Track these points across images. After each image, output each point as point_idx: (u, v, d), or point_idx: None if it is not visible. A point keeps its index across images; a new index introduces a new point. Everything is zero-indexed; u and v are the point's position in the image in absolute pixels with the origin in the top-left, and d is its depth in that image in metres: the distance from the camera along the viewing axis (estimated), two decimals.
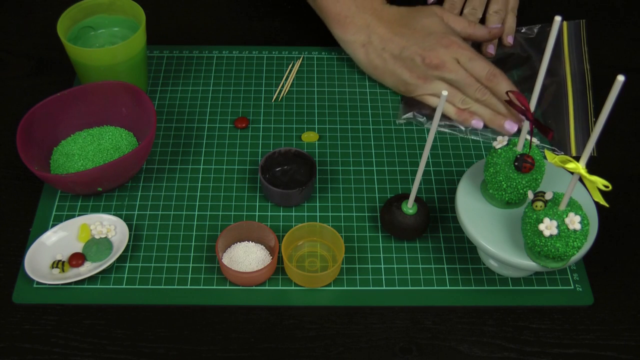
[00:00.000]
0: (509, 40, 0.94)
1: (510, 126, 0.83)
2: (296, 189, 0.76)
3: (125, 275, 0.72)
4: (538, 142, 0.68)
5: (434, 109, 0.86)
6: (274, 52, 0.95)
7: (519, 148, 0.67)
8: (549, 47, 0.60)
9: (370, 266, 0.73)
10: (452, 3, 0.95)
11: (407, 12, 0.89)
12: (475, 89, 0.84)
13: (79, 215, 0.76)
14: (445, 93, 0.60)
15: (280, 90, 0.90)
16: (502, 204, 0.70)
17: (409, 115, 0.86)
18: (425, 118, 0.86)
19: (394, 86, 0.89)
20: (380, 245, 0.75)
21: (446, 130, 0.86)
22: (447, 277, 0.73)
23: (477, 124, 0.84)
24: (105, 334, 0.68)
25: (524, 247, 0.66)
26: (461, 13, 0.95)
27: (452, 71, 0.84)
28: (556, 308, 0.71)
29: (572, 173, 0.66)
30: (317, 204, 0.78)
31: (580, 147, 0.83)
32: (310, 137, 0.84)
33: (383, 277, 0.72)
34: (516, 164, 0.65)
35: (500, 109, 0.84)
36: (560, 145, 0.83)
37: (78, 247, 0.73)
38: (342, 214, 0.78)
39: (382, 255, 0.74)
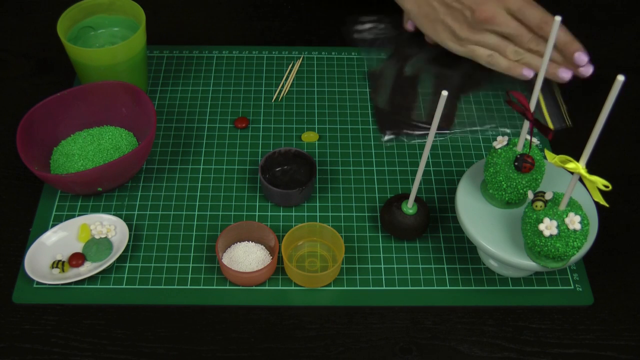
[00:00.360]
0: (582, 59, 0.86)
1: (566, 73, 0.82)
2: (296, 189, 0.76)
3: (125, 275, 0.72)
4: (538, 142, 0.68)
5: (415, 127, 0.85)
6: (274, 52, 0.95)
7: (519, 148, 0.67)
8: (548, 48, 0.60)
9: (370, 266, 0.73)
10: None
11: None
12: (527, 39, 0.82)
13: (79, 215, 0.76)
14: (445, 93, 0.60)
15: (280, 90, 0.90)
16: (502, 204, 0.70)
17: (391, 136, 0.85)
18: (406, 137, 0.85)
19: (444, 37, 0.87)
20: (380, 245, 0.75)
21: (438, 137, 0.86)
22: (447, 277, 0.73)
23: (528, 73, 0.83)
24: (105, 334, 0.68)
25: (524, 247, 0.66)
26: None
27: (502, 24, 0.82)
28: (556, 308, 0.71)
29: (572, 173, 0.66)
30: (317, 204, 0.78)
31: (555, 119, 0.85)
32: (310, 137, 0.84)
33: (383, 277, 0.72)
34: (516, 164, 0.65)
35: (554, 57, 0.83)
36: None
37: (78, 247, 0.73)
38: (342, 214, 0.78)
39: (382, 255, 0.74)
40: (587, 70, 0.83)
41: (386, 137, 0.84)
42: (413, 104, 0.87)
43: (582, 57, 0.82)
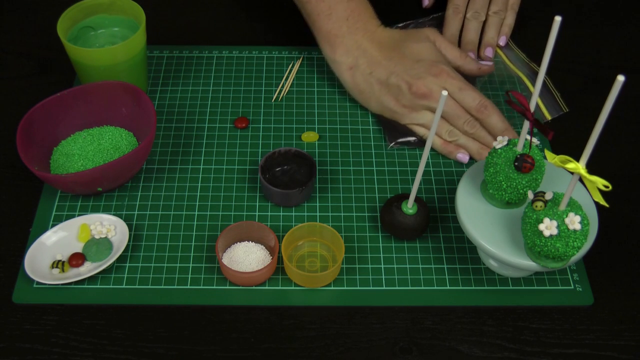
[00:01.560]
0: (501, 41, 0.94)
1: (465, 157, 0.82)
2: (296, 189, 0.76)
3: (125, 275, 0.72)
4: (538, 142, 0.68)
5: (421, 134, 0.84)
6: (274, 52, 0.95)
7: (519, 148, 0.67)
8: (548, 48, 0.60)
9: (370, 266, 0.73)
10: (455, 6, 0.94)
11: (399, 35, 0.86)
12: (463, 121, 0.81)
13: (79, 215, 0.76)
14: (445, 93, 0.60)
15: (280, 90, 0.90)
16: (502, 204, 0.70)
17: (400, 140, 0.83)
18: (415, 139, 0.84)
19: (379, 112, 0.86)
20: (380, 245, 0.75)
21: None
22: (447, 277, 0.73)
23: (463, 157, 0.81)
24: (105, 334, 0.68)
25: (524, 247, 0.66)
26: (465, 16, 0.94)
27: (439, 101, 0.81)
28: (556, 308, 0.71)
29: (572, 173, 0.66)
30: (317, 204, 0.78)
31: (551, 109, 0.86)
32: (310, 137, 0.84)
33: (383, 277, 0.72)
34: (516, 164, 0.65)
35: (488, 142, 0.81)
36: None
37: (78, 247, 0.73)
38: (342, 214, 0.78)
39: (382, 255, 0.74)
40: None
41: (391, 144, 0.83)
42: None
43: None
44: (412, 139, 0.83)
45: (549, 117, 0.86)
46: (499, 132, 0.81)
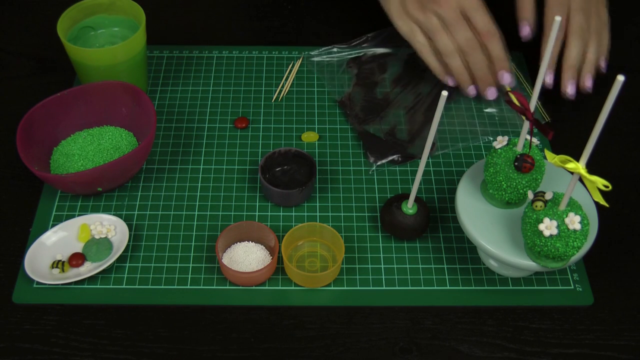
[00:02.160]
0: (602, 63, 0.84)
1: (473, 91, 0.83)
2: (296, 189, 0.76)
3: (125, 275, 0.72)
4: (538, 142, 0.68)
5: (401, 147, 0.83)
6: (274, 52, 0.95)
7: (519, 148, 0.67)
8: (548, 48, 0.60)
9: (370, 266, 0.73)
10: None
11: None
12: (462, 34, 0.80)
13: (79, 215, 0.76)
14: (445, 93, 0.60)
15: (280, 90, 0.90)
16: (502, 204, 0.70)
17: (383, 161, 0.82)
18: (398, 157, 0.82)
19: (393, 8, 0.84)
20: (380, 245, 0.75)
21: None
22: (447, 277, 0.73)
23: (452, 82, 0.83)
24: (105, 334, 0.68)
25: (524, 247, 0.66)
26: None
27: (447, 9, 0.80)
28: (556, 308, 0.71)
29: (572, 173, 0.66)
30: (317, 204, 0.78)
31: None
32: (310, 137, 0.84)
33: (383, 277, 0.72)
34: (516, 164, 0.65)
35: (479, 73, 0.82)
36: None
37: (78, 247, 0.73)
38: (342, 214, 0.78)
39: (382, 255, 0.74)
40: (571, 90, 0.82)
41: (377, 164, 0.81)
42: (394, 124, 0.85)
43: (505, 76, 0.82)
44: (395, 157, 0.82)
45: (547, 118, 0.86)
46: (497, 60, 0.81)
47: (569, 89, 0.83)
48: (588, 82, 0.83)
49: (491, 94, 0.84)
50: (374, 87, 0.90)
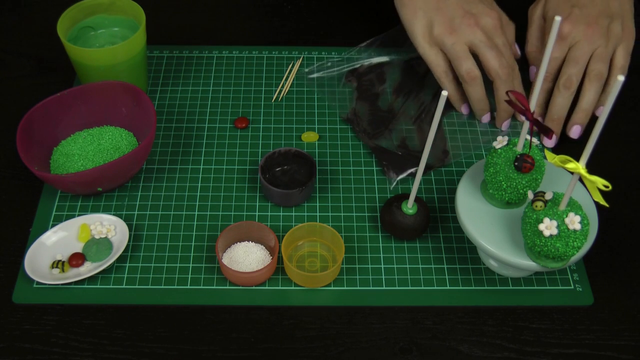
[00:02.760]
0: (598, 112, 0.82)
1: (487, 119, 0.84)
2: (296, 189, 0.76)
3: (125, 275, 0.72)
4: (538, 142, 0.68)
5: (416, 159, 0.81)
6: (274, 52, 0.95)
7: (519, 148, 0.67)
8: (548, 48, 0.60)
9: (370, 266, 0.73)
10: (545, 74, 0.78)
11: None
12: (504, 52, 0.81)
13: (79, 215, 0.76)
14: (445, 93, 0.60)
15: (280, 90, 0.90)
16: (502, 204, 0.70)
17: (403, 175, 0.80)
18: (416, 169, 0.80)
19: (418, 24, 0.82)
20: (380, 245, 0.75)
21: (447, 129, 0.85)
22: (447, 277, 0.73)
23: (465, 110, 0.85)
24: (105, 334, 0.68)
25: (524, 247, 0.66)
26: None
27: (478, 35, 0.79)
28: (556, 308, 0.71)
29: (572, 173, 0.66)
30: (317, 204, 0.78)
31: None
32: (310, 137, 0.84)
33: (383, 277, 0.72)
34: (516, 164, 0.65)
35: (503, 105, 0.82)
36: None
37: (78, 247, 0.73)
38: (342, 214, 0.78)
39: (382, 255, 0.74)
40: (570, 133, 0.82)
41: (396, 179, 0.80)
42: (403, 136, 0.84)
43: (485, 118, 0.84)
44: (414, 169, 0.80)
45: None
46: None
47: (573, 133, 0.82)
48: (574, 134, 0.82)
49: (506, 125, 0.85)
50: (376, 99, 0.88)
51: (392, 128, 0.85)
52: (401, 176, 0.80)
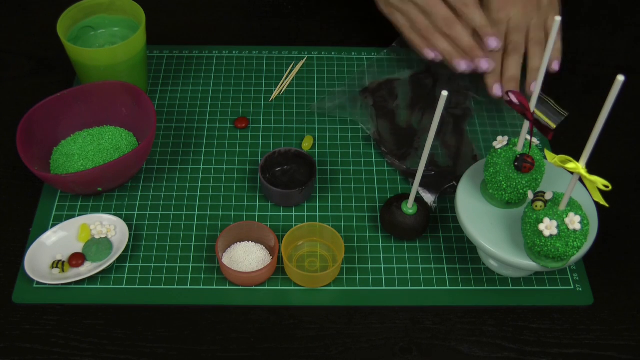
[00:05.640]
0: (555, 66, 0.85)
1: (466, 65, 0.82)
2: (296, 189, 0.76)
3: (125, 275, 0.72)
4: (538, 142, 0.68)
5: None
6: (274, 52, 0.95)
7: (519, 148, 0.67)
8: (548, 48, 0.60)
9: (370, 266, 0.73)
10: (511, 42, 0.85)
11: None
12: (440, 17, 0.82)
13: (79, 215, 0.76)
14: (445, 93, 0.60)
15: (279, 90, 0.90)
16: (502, 204, 0.70)
17: (438, 195, 0.78)
18: (451, 184, 0.79)
19: None
20: (380, 245, 0.75)
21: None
22: (447, 277, 0.73)
23: (437, 55, 0.84)
24: (105, 334, 0.68)
25: (524, 247, 0.66)
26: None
27: (439, 9, 0.82)
28: (556, 308, 0.71)
29: (572, 173, 0.66)
30: (317, 204, 0.78)
31: (552, 117, 0.86)
32: (310, 142, 0.84)
33: (383, 277, 0.72)
34: (516, 164, 0.65)
35: (463, 43, 0.82)
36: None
37: (78, 247, 0.73)
38: (342, 214, 0.78)
39: (382, 255, 0.74)
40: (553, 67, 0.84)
41: (434, 199, 0.78)
42: (430, 153, 0.82)
43: (491, 41, 0.82)
44: (448, 185, 0.79)
45: (553, 126, 0.86)
46: (480, 28, 0.82)
47: (503, 95, 0.84)
48: (532, 88, 0.84)
49: (484, 64, 0.82)
50: (393, 116, 0.86)
51: (417, 146, 0.83)
52: (438, 195, 0.79)
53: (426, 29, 0.84)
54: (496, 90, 0.84)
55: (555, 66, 0.85)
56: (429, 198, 0.78)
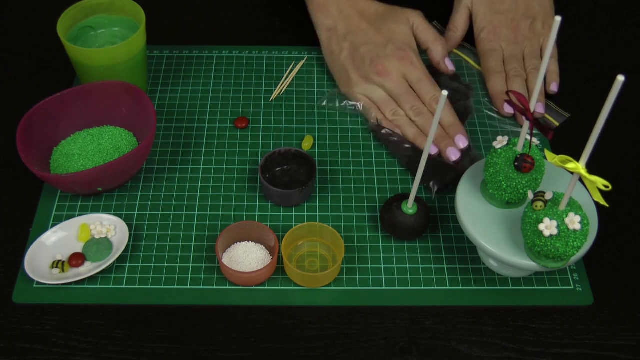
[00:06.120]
0: (553, 87, 0.89)
1: (453, 154, 0.80)
2: (296, 189, 0.76)
3: (125, 275, 0.72)
4: (538, 142, 0.68)
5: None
6: (274, 52, 0.95)
7: (519, 148, 0.67)
8: (549, 48, 0.60)
9: (370, 266, 0.73)
10: (493, 68, 0.89)
11: (382, 10, 0.89)
12: (410, 106, 0.83)
13: (79, 215, 0.76)
14: (445, 93, 0.60)
15: (279, 90, 0.90)
16: (502, 204, 0.70)
17: (443, 186, 0.79)
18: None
19: (338, 76, 0.88)
20: (380, 245, 0.75)
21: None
22: (447, 277, 0.73)
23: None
24: (105, 334, 0.68)
25: (524, 247, 0.66)
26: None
27: (393, 82, 0.84)
28: (556, 308, 0.71)
29: (572, 173, 0.66)
30: (317, 204, 0.78)
31: (555, 117, 0.86)
32: (309, 142, 0.84)
33: (383, 277, 0.72)
34: (516, 164, 0.65)
35: (428, 132, 0.82)
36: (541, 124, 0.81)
37: (78, 247, 0.73)
38: (342, 214, 0.78)
39: (382, 255, 0.74)
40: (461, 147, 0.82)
41: (437, 188, 0.79)
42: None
43: (461, 140, 0.81)
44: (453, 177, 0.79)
45: (556, 124, 0.86)
46: (445, 125, 0.82)
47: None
48: (538, 109, 0.86)
49: (452, 152, 0.80)
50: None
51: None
52: (442, 186, 0.79)
53: (393, 112, 0.83)
54: (507, 109, 0.86)
55: (554, 87, 0.88)
56: (431, 187, 0.79)
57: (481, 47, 0.91)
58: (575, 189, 0.69)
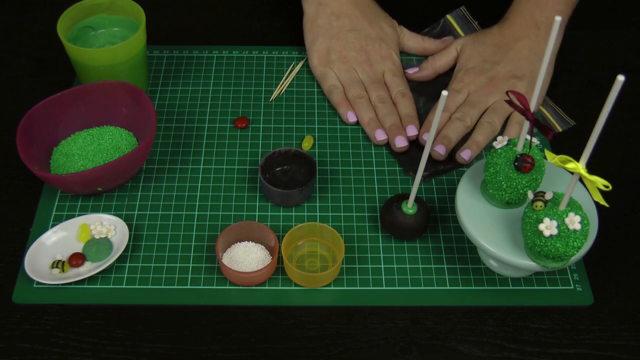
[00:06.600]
0: (464, 155, 0.81)
1: (400, 142, 0.81)
2: (296, 189, 0.76)
3: (125, 275, 0.72)
4: (538, 142, 0.68)
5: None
6: (274, 52, 0.95)
7: (519, 148, 0.67)
8: (549, 48, 0.60)
9: (370, 266, 0.73)
10: (445, 106, 0.84)
11: (375, 8, 0.92)
12: (377, 95, 0.85)
13: (79, 215, 0.76)
14: (445, 93, 0.60)
15: (279, 90, 0.90)
16: (502, 204, 0.70)
17: (425, 173, 0.79)
18: (443, 166, 0.82)
19: (315, 51, 0.89)
20: (380, 245, 0.75)
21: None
22: (447, 277, 0.73)
23: (352, 118, 0.85)
24: (105, 334, 0.68)
25: (524, 247, 0.66)
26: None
27: (370, 73, 0.87)
28: (556, 308, 0.71)
29: (572, 173, 0.66)
30: (317, 204, 0.78)
31: (559, 122, 0.86)
32: (309, 142, 0.84)
33: (383, 277, 0.72)
34: (516, 164, 0.65)
35: (385, 121, 0.83)
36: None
37: (78, 247, 0.73)
38: (342, 214, 0.78)
39: (382, 255, 0.74)
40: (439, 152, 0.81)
41: (413, 176, 0.80)
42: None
43: (411, 129, 0.83)
44: (441, 167, 0.81)
45: (559, 129, 0.86)
46: (403, 116, 0.84)
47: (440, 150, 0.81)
48: (466, 155, 0.81)
49: (400, 140, 0.81)
50: None
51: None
52: (423, 173, 0.77)
53: (355, 95, 0.86)
54: (439, 149, 0.81)
55: (466, 155, 0.81)
56: (410, 173, 0.80)
57: (451, 84, 0.88)
58: (575, 189, 0.69)
